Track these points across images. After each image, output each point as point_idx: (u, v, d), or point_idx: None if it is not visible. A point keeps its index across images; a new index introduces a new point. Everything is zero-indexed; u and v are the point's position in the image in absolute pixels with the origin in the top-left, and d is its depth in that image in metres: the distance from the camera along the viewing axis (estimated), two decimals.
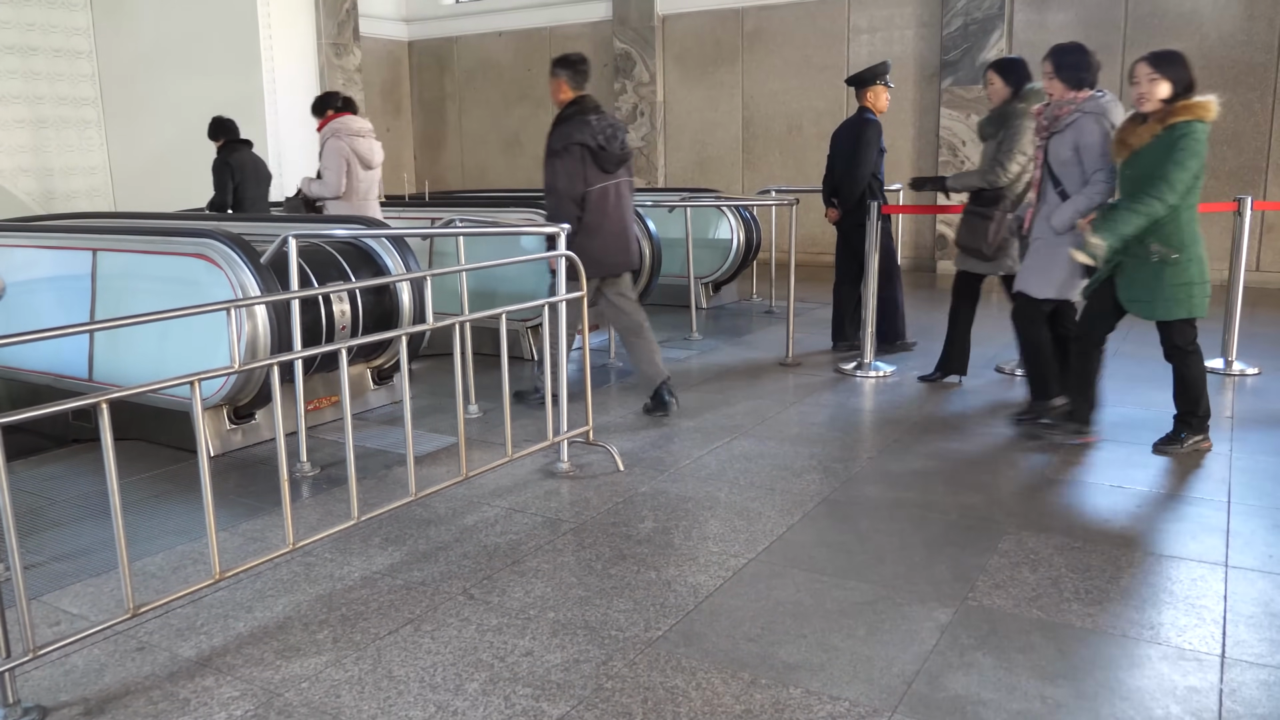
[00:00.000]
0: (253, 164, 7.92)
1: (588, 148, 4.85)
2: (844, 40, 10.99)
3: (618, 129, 5.01)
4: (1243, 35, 9.06)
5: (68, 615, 3.05)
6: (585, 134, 4.85)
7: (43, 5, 12.22)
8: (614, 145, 4.94)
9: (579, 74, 5.03)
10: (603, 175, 4.93)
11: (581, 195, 4.89)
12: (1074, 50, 4.69)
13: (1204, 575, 3.18)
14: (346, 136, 6.56)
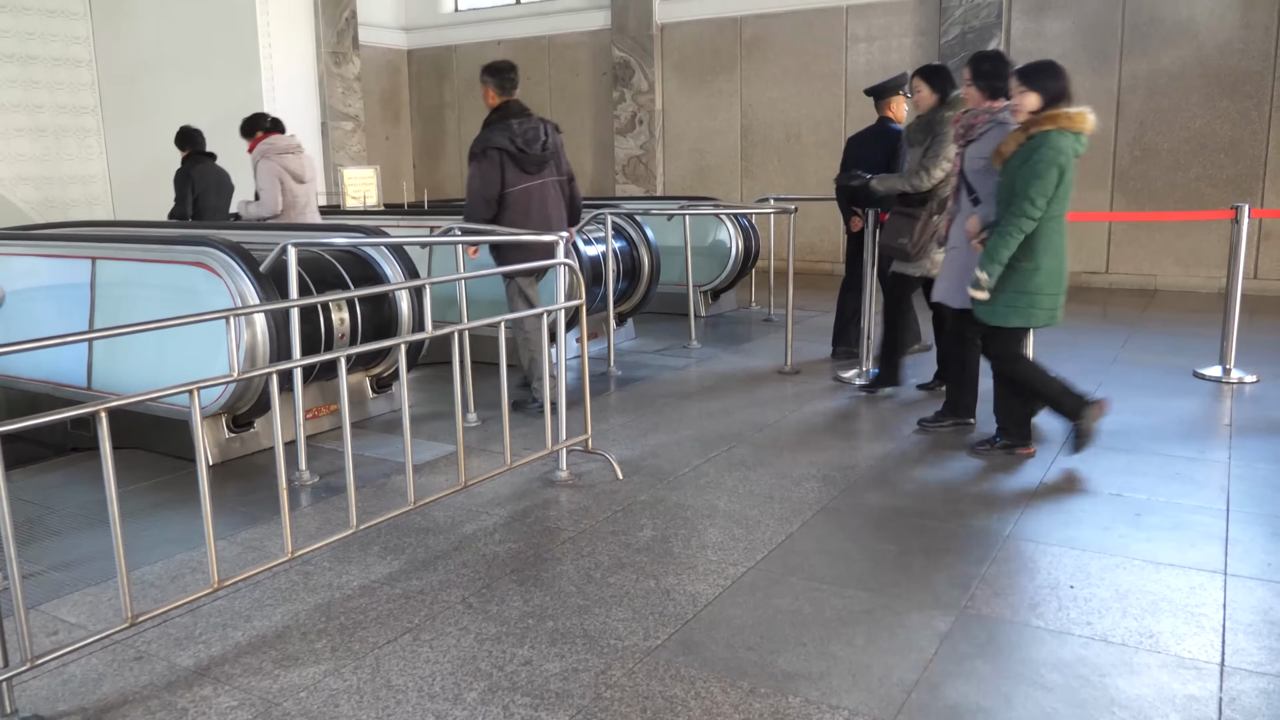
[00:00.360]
0: (215, 175, 8.04)
1: (506, 151, 5.11)
2: (842, 49, 11.02)
3: (540, 131, 5.22)
4: (1239, 43, 9.09)
5: (66, 624, 3.05)
6: (503, 138, 5.11)
7: (42, 14, 12.25)
8: (534, 148, 5.18)
9: (505, 81, 5.30)
10: (524, 176, 5.20)
11: (499, 196, 5.16)
12: (992, 59, 4.75)
13: (1203, 583, 3.18)
14: (275, 155, 6.79)
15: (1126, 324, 7.84)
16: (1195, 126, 9.36)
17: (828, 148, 11.19)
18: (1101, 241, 9.94)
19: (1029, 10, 9.97)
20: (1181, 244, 9.55)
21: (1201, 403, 5.44)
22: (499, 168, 5.12)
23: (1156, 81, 9.47)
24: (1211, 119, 9.27)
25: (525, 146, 5.15)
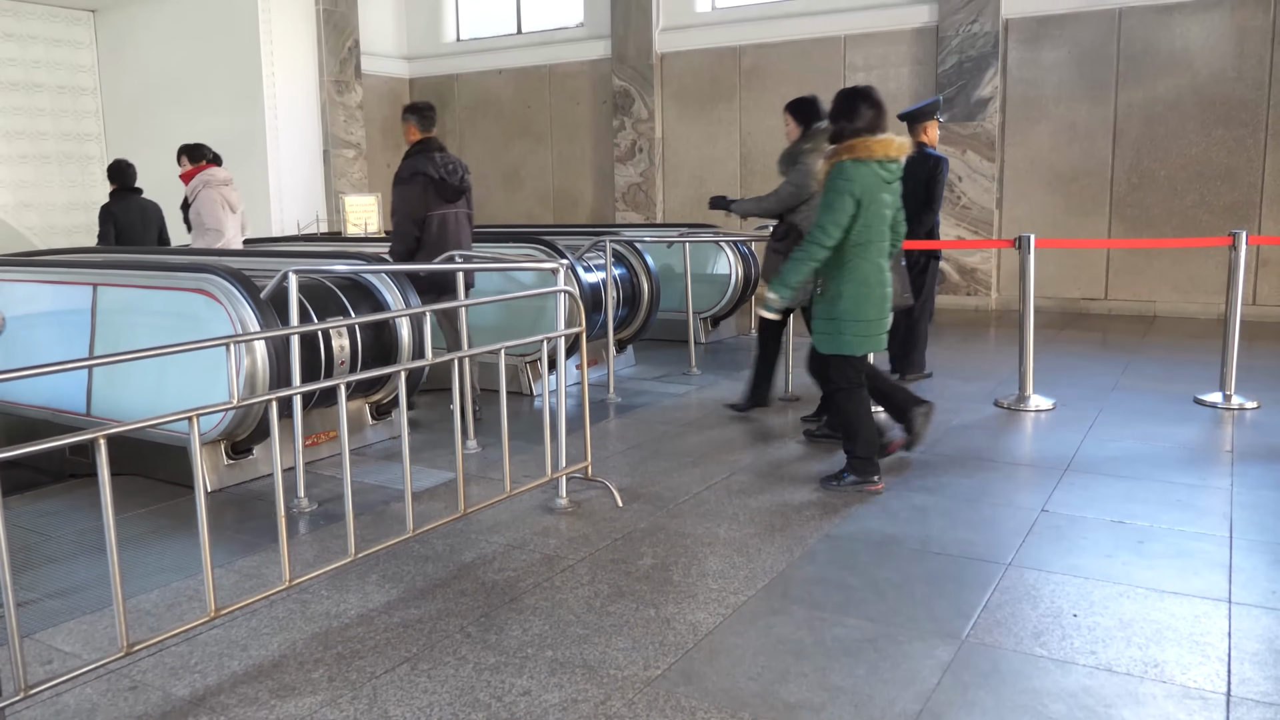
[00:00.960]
0: (139, 210, 8.26)
1: (430, 178, 5.48)
2: (840, 78, 11.09)
3: (458, 166, 5.64)
4: (1233, 72, 9.16)
5: (60, 653, 3.02)
6: (429, 166, 5.48)
7: (48, 43, 12.35)
8: (454, 179, 5.58)
9: (425, 119, 5.69)
10: (444, 204, 5.59)
11: (423, 219, 5.54)
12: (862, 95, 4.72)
13: (1207, 612, 3.16)
14: (217, 186, 7.38)
15: (1126, 350, 7.84)
16: (1192, 154, 9.41)
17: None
18: (1100, 268, 9.97)
19: (1025, 40, 10.05)
20: (1180, 270, 9.57)
21: (1202, 429, 5.43)
22: (424, 193, 5.49)
23: (1153, 110, 9.53)
24: (1208, 146, 9.33)
25: (447, 176, 5.53)
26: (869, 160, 4.21)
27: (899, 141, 4.28)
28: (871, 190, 4.22)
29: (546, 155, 13.33)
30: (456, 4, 14.04)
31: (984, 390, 6.44)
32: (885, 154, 4.22)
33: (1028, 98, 10.13)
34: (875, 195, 4.23)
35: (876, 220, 4.27)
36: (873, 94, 4.38)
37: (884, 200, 4.29)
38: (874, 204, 4.23)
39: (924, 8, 10.49)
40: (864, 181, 4.20)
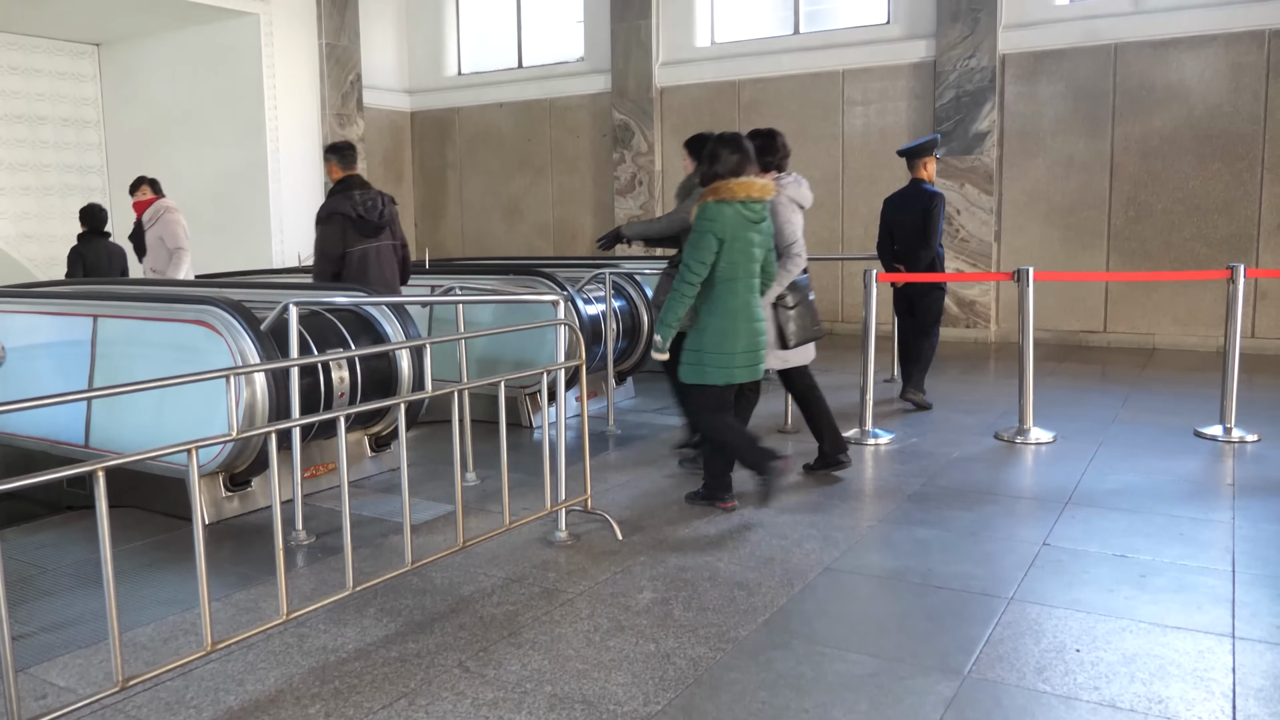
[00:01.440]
0: (105, 252, 8.62)
1: (348, 217, 5.77)
2: (839, 111, 11.19)
3: (378, 202, 5.91)
4: (1229, 107, 9.23)
5: (54, 688, 3.00)
6: (346, 206, 5.77)
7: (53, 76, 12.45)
8: (373, 215, 5.86)
9: (345, 158, 6.07)
10: (363, 239, 5.86)
11: (341, 255, 5.81)
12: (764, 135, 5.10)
13: (1211, 647, 3.14)
14: (176, 211, 7.88)
15: (1125, 383, 7.84)
16: (1189, 188, 9.47)
17: (825, 208, 11.30)
18: (1099, 301, 10.00)
19: (1022, 75, 10.14)
20: (1178, 303, 9.60)
21: (1203, 462, 5.42)
22: (342, 231, 5.78)
23: (1149, 144, 9.60)
24: (1204, 180, 9.39)
25: (365, 213, 5.80)
26: (731, 201, 4.42)
27: (760, 184, 4.50)
28: (735, 229, 4.43)
29: (547, 188, 13.40)
30: (458, 38, 14.18)
31: (984, 423, 6.43)
32: (746, 195, 4.43)
33: (1025, 132, 10.21)
34: (739, 234, 4.44)
35: (741, 258, 4.48)
36: (738, 140, 4.56)
37: (750, 239, 4.49)
38: (737, 242, 4.44)
39: (921, 43, 10.60)
40: (726, 222, 4.40)
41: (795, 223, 5.01)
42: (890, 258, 7.08)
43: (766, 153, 5.00)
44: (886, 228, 7.14)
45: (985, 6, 10.11)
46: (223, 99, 11.93)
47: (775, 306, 5.01)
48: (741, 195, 4.41)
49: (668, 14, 12.18)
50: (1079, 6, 9.94)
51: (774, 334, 5.00)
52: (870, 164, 10.99)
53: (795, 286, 5.10)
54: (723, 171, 4.45)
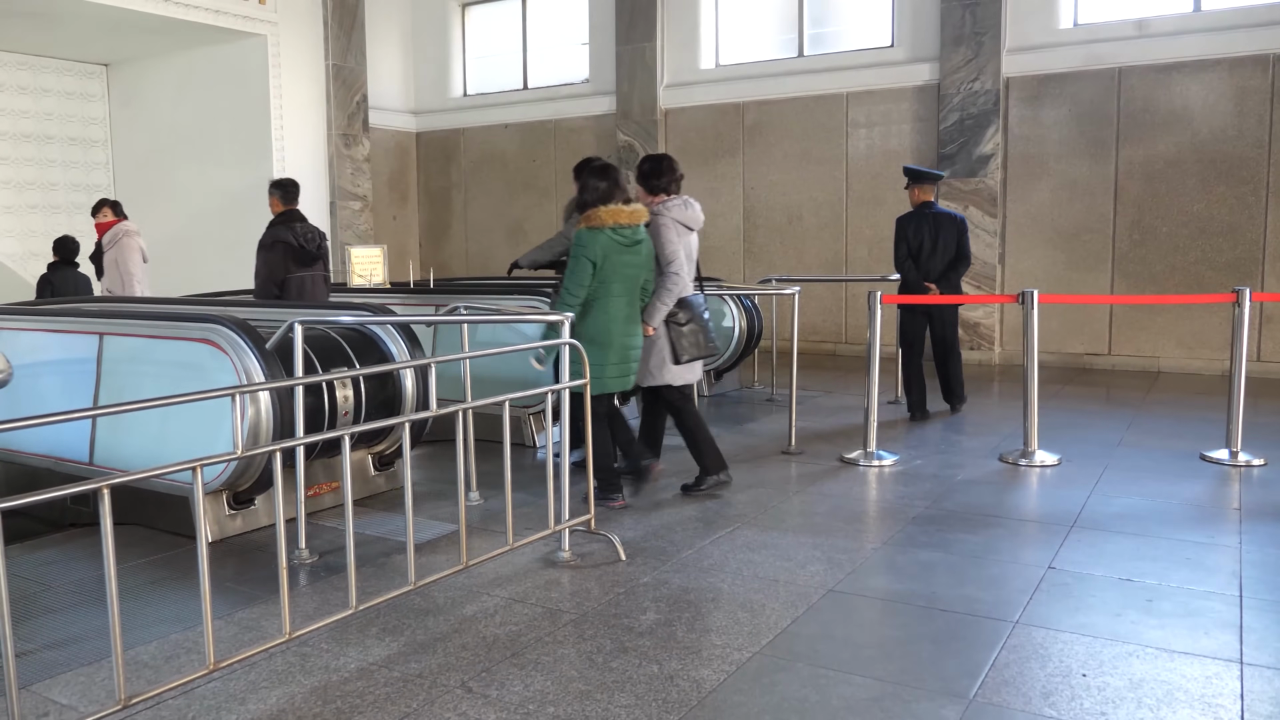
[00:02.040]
0: (74, 280, 9.08)
1: (290, 245, 6.44)
2: (843, 134, 11.24)
3: (315, 234, 6.69)
4: (1233, 130, 9.26)
5: (56, 706, 2.98)
6: (288, 235, 6.48)
7: (61, 96, 12.54)
8: (310, 245, 6.57)
9: (288, 193, 6.77)
10: (300, 267, 6.54)
11: (282, 281, 6.47)
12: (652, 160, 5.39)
13: (1219, 673, 3.12)
14: (134, 235, 8.12)
15: (1130, 406, 7.83)
16: (1193, 211, 9.48)
17: (829, 230, 11.34)
18: (1103, 324, 9.99)
19: (1025, 98, 10.19)
20: (1183, 326, 9.59)
21: (1209, 486, 5.40)
22: (283, 258, 6.47)
23: (1153, 167, 9.63)
24: (1209, 204, 9.40)
25: (305, 243, 6.50)
26: (602, 228, 4.76)
27: (629, 210, 4.82)
28: (607, 253, 4.78)
29: (551, 208, 13.45)
30: (464, 59, 14.28)
31: (988, 445, 6.42)
32: (615, 221, 4.77)
33: (1029, 155, 10.24)
34: (612, 258, 4.79)
35: (616, 278, 4.83)
36: (607, 169, 4.91)
37: (625, 261, 4.83)
38: (609, 265, 4.79)
39: (925, 66, 10.65)
40: (598, 247, 4.76)
41: (676, 243, 5.19)
42: (921, 276, 7.26)
43: (655, 176, 5.27)
44: (910, 249, 7.30)
45: (989, 30, 10.17)
46: (229, 119, 12.00)
47: (668, 324, 5.15)
48: (610, 222, 4.77)
49: (673, 36, 12.26)
50: (1083, 30, 9.99)
51: (667, 350, 5.15)
52: (874, 186, 11.02)
53: (687, 305, 5.22)
54: (592, 200, 4.82)
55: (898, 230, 7.40)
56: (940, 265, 7.24)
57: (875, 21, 11.21)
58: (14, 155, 12.08)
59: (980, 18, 10.20)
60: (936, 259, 7.23)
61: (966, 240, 7.30)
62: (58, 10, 10.30)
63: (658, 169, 5.28)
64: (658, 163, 5.32)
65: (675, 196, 5.32)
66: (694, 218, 5.38)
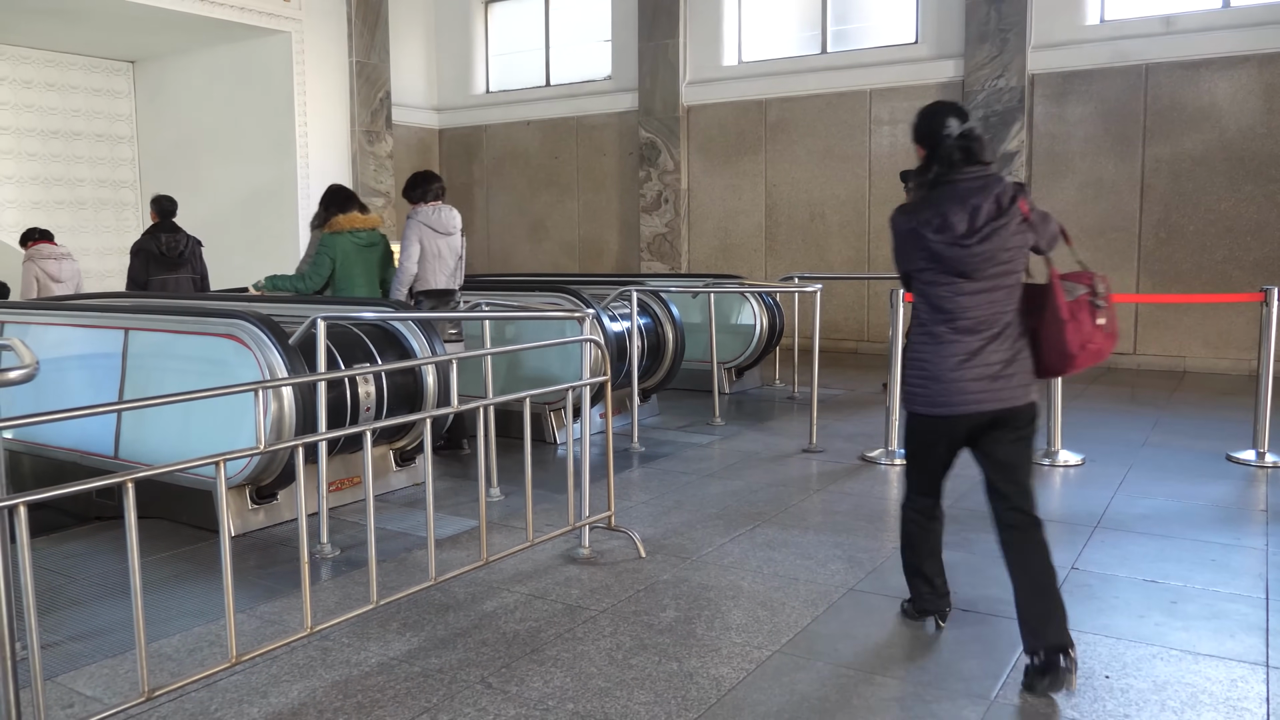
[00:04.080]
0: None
1: (152, 253, 7.69)
2: (866, 131, 11.18)
3: (179, 242, 7.83)
4: (1262, 128, 9.15)
5: (81, 697, 3.02)
6: (152, 244, 7.74)
7: (88, 93, 12.66)
8: (173, 253, 7.77)
9: (163, 209, 7.96)
10: (165, 271, 7.70)
11: (145, 283, 7.64)
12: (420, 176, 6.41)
13: (1244, 675, 3.08)
14: (40, 260, 8.66)
15: (1156, 406, 7.75)
16: (1221, 209, 9.37)
17: (851, 228, 11.29)
18: (1128, 323, 9.90)
19: (1051, 96, 10.10)
20: (1210, 326, 9.49)
21: (1235, 487, 5.34)
22: (146, 263, 7.68)
23: (1180, 165, 9.52)
24: (1237, 202, 9.29)
25: (167, 251, 7.73)
26: (341, 232, 6.10)
27: (364, 218, 6.19)
28: (345, 252, 6.09)
29: (573, 205, 13.47)
30: (486, 56, 14.30)
31: None
32: (352, 226, 6.12)
33: (1054, 152, 10.16)
34: (349, 255, 6.10)
35: (356, 271, 6.13)
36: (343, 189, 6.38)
37: (362, 258, 6.16)
38: (347, 262, 6.11)
39: (949, 63, 10.58)
40: (337, 248, 6.08)
41: (413, 242, 6.22)
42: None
43: (411, 188, 6.36)
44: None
45: (1014, 27, 10.09)
46: (254, 116, 12.08)
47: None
48: (347, 227, 6.09)
49: (695, 33, 12.24)
50: (1109, 27, 9.89)
51: None
52: (897, 184, 10.89)
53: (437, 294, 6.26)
54: (334, 210, 6.15)
55: None
56: None
57: (899, 18, 11.14)
58: (42, 151, 12.21)
59: (1005, 14, 10.12)
60: None
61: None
62: (85, 7, 10.39)
63: (414, 183, 6.38)
64: (415, 177, 6.40)
65: (428, 205, 6.29)
66: (442, 222, 6.30)
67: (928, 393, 3.12)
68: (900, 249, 3.22)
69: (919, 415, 3.21)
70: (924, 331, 3.17)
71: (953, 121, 3.17)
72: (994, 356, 3.09)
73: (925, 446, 3.28)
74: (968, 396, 3.07)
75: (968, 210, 3.05)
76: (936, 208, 3.08)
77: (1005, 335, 3.13)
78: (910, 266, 3.19)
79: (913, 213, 3.14)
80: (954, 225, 3.04)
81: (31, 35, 11.52)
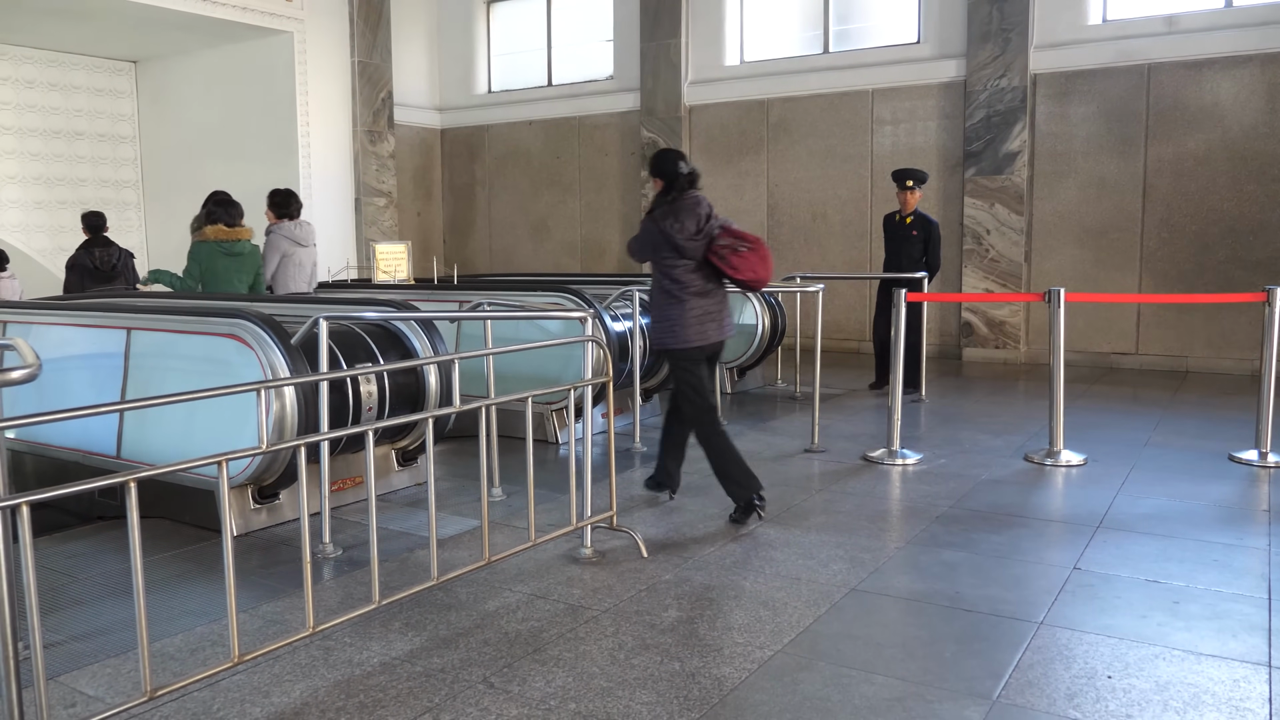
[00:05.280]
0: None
1: (86, 267, 8.35)
2: (868, 131, 11.18)
3: (111, 256, 8.46)
4: (1265, 128, 9.14)
5: (84, 696, 3.02)
6: (86, 259, 8.35)
7: (91, 93, 12.67)
8: (105, 266, 8.39)
9: (93, 226, 8.59)
10: (100, 283, 8.28)
11: (82, 291, 8.03)
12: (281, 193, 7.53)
13: (1246, 676, 3.08)
14: None
15: (1158, 406, 7.75)
16: (1223, 209, 9.36)
17: (853, 228, 11.29)
18: (1130, 322, 9.90)
19: (1053, 95, 10.09)
20: (1212, 326, 9.48)
21: (1238, 487, 5.34)
22: (80, 276, 8.32)
23: (1182, 165, 9.51)
24: (1239, 202, 9.28)
25: (100, 265, 8.37)
26: (206, 241, 6.77)
27: (229, 230, 6.78)
28: (211, 260, 6.78)
29: (575, 205, 13.47)
30: (489, 56, 14.31)
31: (1013, 445, 6.37)
32: (217, 237, 6.76)
33: (1056, 152, 10.15)
34: (216, 262, 6.79)
35: (224, 276, 6.83)
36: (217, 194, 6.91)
37: (227, 265, 6.81)
38: (213, 268, 6.79)
39: (952, 63, 10.58)
40: (204, 255, 6.78)
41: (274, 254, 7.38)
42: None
43: (282, 207, 7.49)
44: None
45: (1016, 26, 10.09)
46: (256, 116, 12.09)
47: None
48: (213, 237, 6.75)
49: (697, 33, 12.24)
50: (1111, 26, 9.88)
51: None
52: None
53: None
54: (205, 222, 6.82)
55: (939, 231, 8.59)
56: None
57: (901, 18, 11.14)
58: (44, 151, 12.22)
59: (1008, 14, 10.11)
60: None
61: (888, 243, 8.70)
62: (87, 8, 10.40)
63: (284, 200, 7.51)
64: (283, 195, 7.53)
65: (292, 220, 7.49)
66: (301, 235, 7.51)
67: (685, 335, 4.74)
68: (648, 243, 4.79)
69: (682, 349, 4.78)
70: (670, 297, 4.75)
71: (681, 164, 4.78)
72: (712, 309, 4.82)
73: (693, 365, 4.80)
74: (706, 335, 4.79)
75: (696, 218, 4.68)
76: (677, 216, 4.67)
77: (714, 295, 4.84)
78: (655, 255, 4.77)
79: (660, 220, 4.70)
80: (688, 227, 4.66)
81: (34, 35, 11.53)
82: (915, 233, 8.41)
